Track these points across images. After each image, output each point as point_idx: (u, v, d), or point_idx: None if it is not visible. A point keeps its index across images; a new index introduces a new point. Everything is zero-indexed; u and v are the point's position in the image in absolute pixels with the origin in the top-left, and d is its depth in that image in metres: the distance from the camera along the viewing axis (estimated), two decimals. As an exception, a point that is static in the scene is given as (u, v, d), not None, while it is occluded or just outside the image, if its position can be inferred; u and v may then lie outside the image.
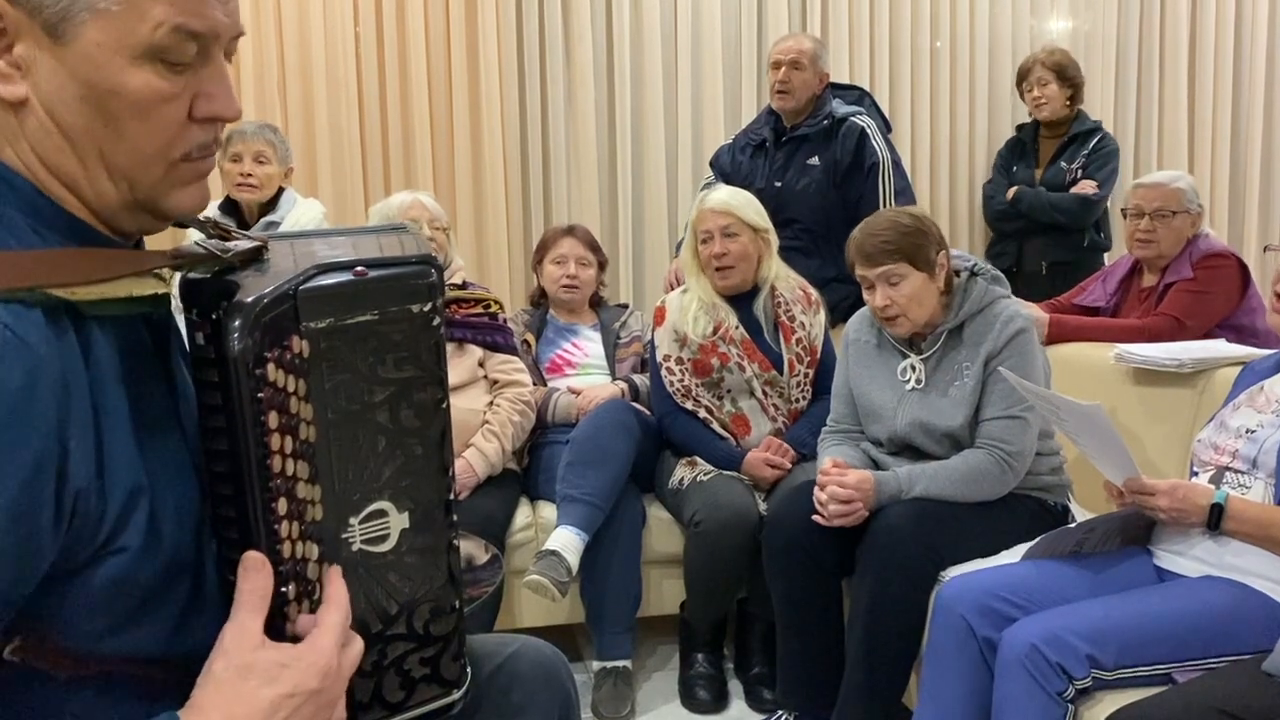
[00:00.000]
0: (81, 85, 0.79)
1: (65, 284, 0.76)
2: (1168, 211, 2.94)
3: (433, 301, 0.94)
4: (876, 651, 2.12)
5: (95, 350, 0.79)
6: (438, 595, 0.99)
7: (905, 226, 2.28)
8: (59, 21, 0.78)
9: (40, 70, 0.79)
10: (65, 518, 0.74)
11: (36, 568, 0.73)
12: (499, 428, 2.76)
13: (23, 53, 0.79)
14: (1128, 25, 4.56)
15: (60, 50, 0.78)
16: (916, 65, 4.38)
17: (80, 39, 0.78)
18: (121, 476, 0.79)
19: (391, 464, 0.94)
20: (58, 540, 0.74)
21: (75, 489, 0.74)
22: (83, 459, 0.75)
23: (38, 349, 0.72)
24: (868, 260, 2.28)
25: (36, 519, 0.71)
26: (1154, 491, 1.84)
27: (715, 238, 2.78)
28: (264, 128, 3.24)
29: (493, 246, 4.04)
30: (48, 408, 0.72)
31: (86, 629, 0.79)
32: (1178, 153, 4.63)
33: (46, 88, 0.80)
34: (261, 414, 0.83)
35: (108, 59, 0.79)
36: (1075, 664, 1.69)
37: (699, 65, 4.19)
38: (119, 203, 0.85)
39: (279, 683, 0.78)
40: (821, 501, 2.21)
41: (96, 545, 0.77)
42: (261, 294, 0.83)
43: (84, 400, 0.76)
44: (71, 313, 0.77)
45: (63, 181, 0.83)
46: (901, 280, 2.26)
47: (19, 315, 0.73)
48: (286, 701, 0.77)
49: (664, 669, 2.82)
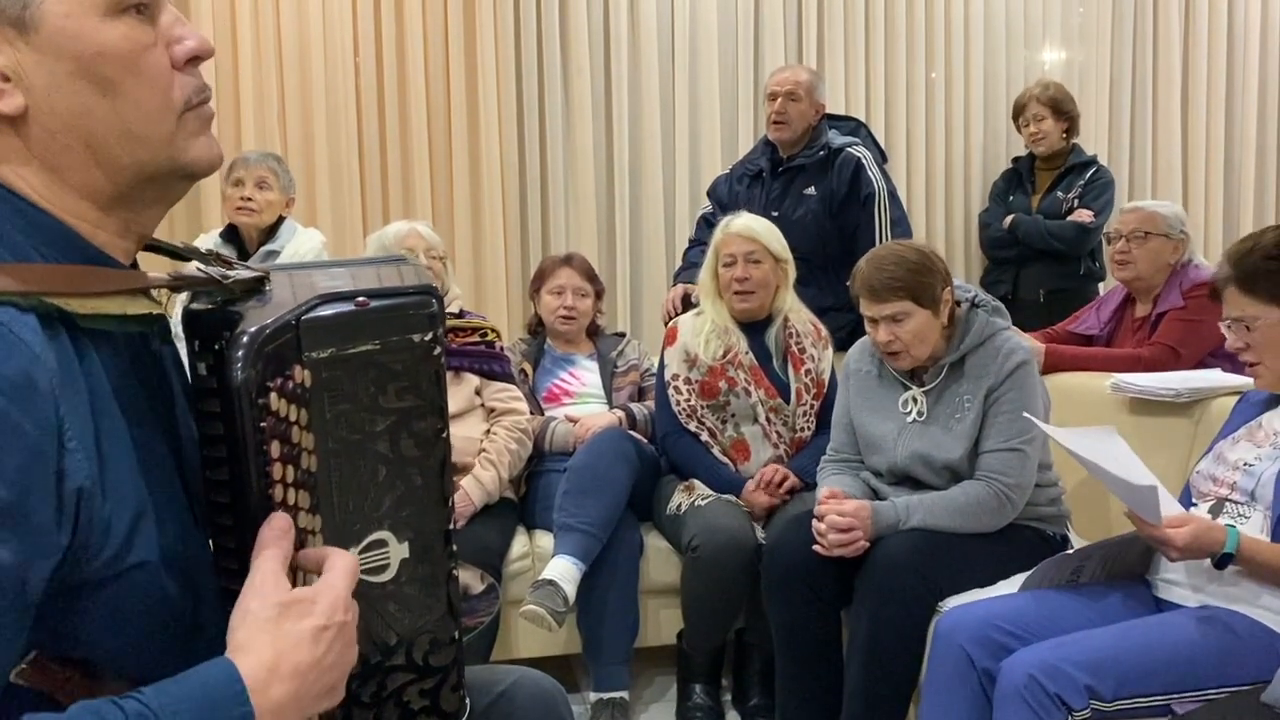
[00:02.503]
0: (69, 61, 0.79)
1: (60, 293, 0.76)
2: (1142, 233, 2.99)
3: (433, 331, 0.94)
4: (875, 682, 2.11)
5: (90, 363, 0.79)
6: (437, 626, 0.99)
7: (912, 264, 2.26)
8: (20, 12, 0.78)
9: (27, 70, 0.79)
10: (68, 518, 0.73)
11: (41, 565, 0.72)
12: (496, 456, 2.76)
13: (4, 62, 0.79)
14: (1121, 56, 4.61)
15: (36, 39, 0.79)
16: (912, 96, 4.42)
17: (46, 19, 0.78)
18: (126, 490, 0.79)
19: (391, 494, 0.94)
20: (61, 540, 0.73)
21: (77, 486, 0.74)
22: (83, 459, 0.74)
23: (34, 347, 0.72)
24: (874, 297, 2.27)
25: (35, 512, 0.71)
26: (1170, 542, 1.80)
27: (739, 262, 2.79)
28: (268, 156, 3.27)
29: (490, 275, 4.06)
30: (45, 400, 0.72)
31: (111, 644, 0.79)
32: (1172, 182, 4.66)
33: (39, 84, 0.79)
34: (264, 443, 0.83)
35: (80, 24, 0.79)
36: (1074, 695, 1.68)
37: (696, 96, 4.22)
38: (132, 182, 0.84)
39: (314, 615, 0.80)
40: (821, 532, 2.21)
41: (109, 554, 0.77)
42: (264, 324, 0.83)
43: (82, 403, 0.76)
44: (67, 324, 0.77)
45: (72, 187, 0.83)
46: (907, 318, 2.25)
47: (14, 317, 0.73)
48: (324, 633, 0.79)
49: (661, 700, 2.80)
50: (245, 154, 3.27)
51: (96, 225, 0.85)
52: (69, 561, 0.74)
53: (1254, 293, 1.89)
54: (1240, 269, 1.91)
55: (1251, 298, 1.90)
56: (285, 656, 0.77)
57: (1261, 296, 1.89)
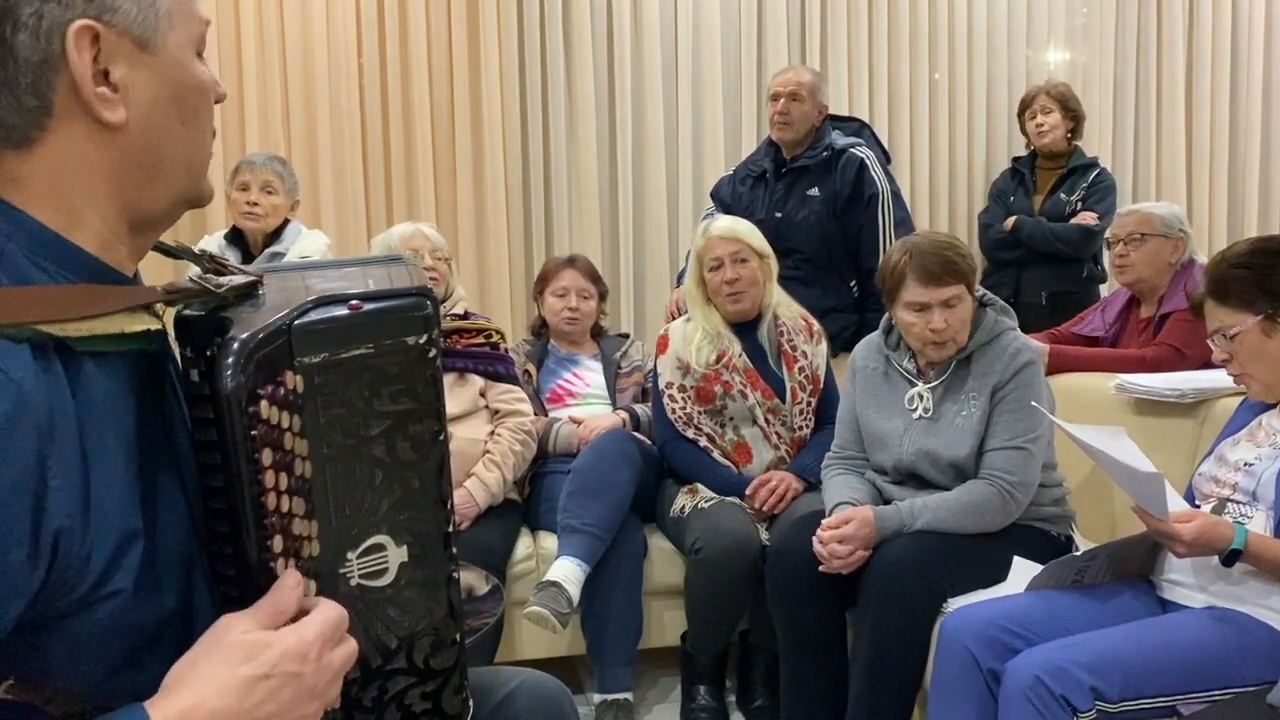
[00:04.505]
0: (171, 87, 0.85)
1: (55, 320, 0.75)
2: (1139, 234, 2.99)
3: (428, 333, 0.93)
4: (880, 683, 2.10)
5: (86, 388, 0.78)
6: (438, 629, 0.99)
7: (960, 248, 2.27)
8: (148, 34, 0.83)
9: (136, 87, 0.83)
10: (44, 558, 0.72)
11: (9, 605, 0.71)
12: (500, 457, 2.76)
13: (119, 75, 0.82)
14: (1125, 57, 4.60)
15: (152, 61, 0.83)
16: (915, 97, 4.41)
17: (166, 45, 0.84)
18: (111, 519, 0.77)
19: (389, 497, 0.93)
20: (34, 580, 0.72)
21: (56, 528, 0.72)
22: (66, 498, 0.73)
23: (23, 384, 0.71)
24: (933, 281, 2.22)
25: (6, 555, 0.69)
26: (1177, 536, 1.81)
27: (726, 264, 2.78)
28: (272, 159, 3.26)
29: (494, 276, 4.06)
30: (27, 442, 0.71)
31: (82, 672, 0.78)
32: (1176, 184, 4.65)
33: (143, 102, 0.83)
34: (255, 451, 0.82)
35: (185, 57, 0.86)
36: (1079, 696, 1.68)
37: (699, 97, 4.22)
38: (170, 207, 0.89)
39: (255, 662, 0.76)
40: (822, 555, 2.20)
41: (85, 588, 0.75)
42: (255, 330, 0.82)
43: (71, 439, 0.75)
44: (62, 350, 0.76)
45: (120, 204, 0.85)
46: (959, 303, 2.24)
47: (5, 350, 0.72)
48: (263, 683, 0.76)
49: (666, 701, 2.80)
50: (250, 157, 3.27)
51: (117, 242, 0.86)
52: (42, 599, 0.73)
53: (1227, 302, 1.91)
54: (1213, 280, 1.93)
55: (1226, 308, 1.91)
56: (205, 702, 0.73)
57: (1234, 305, 1.90)
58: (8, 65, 0.78)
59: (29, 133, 0.80)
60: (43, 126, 0.80)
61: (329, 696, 0.82)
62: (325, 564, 0.89)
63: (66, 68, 0.79)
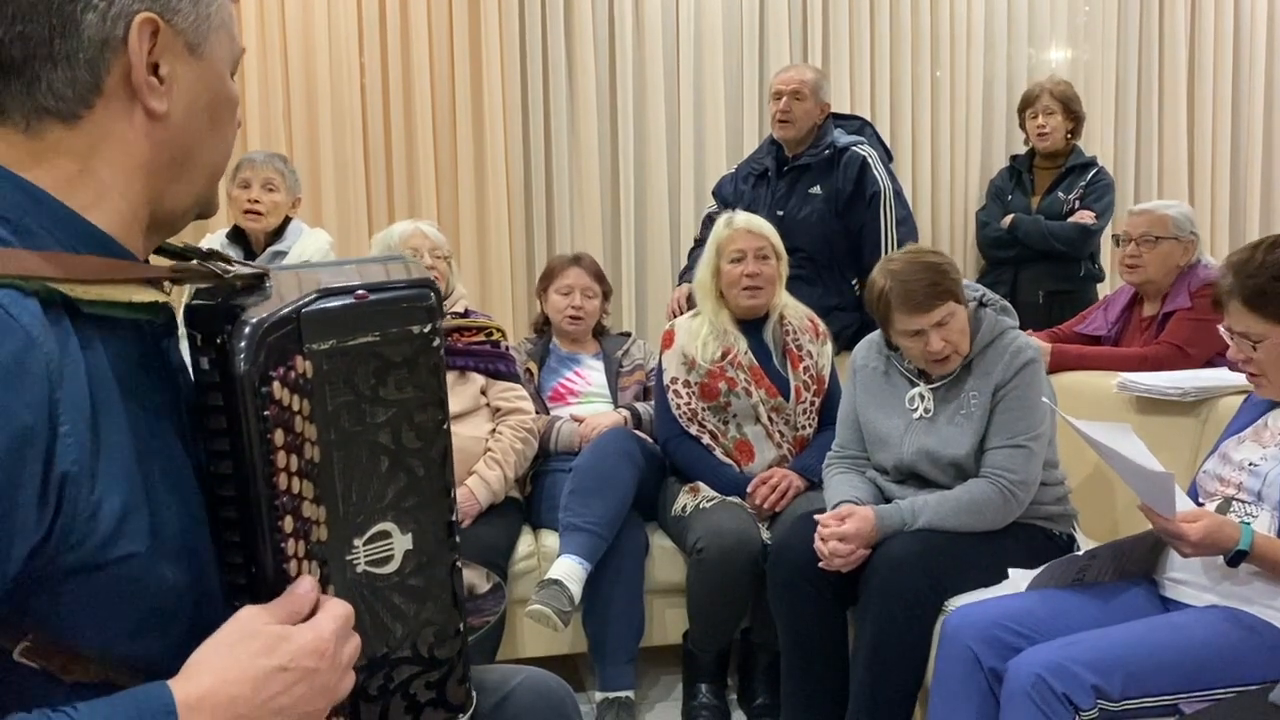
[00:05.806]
0: (208, 93, 0.90)
1: (64, 279, 0.77)
2: (1153, 236, 2.96)
3: (432, 323, 0.95)
4: (881, 682, 2.10)
5: (92, 351, 0.79)
6: (442, 618, 0.99)
7: (937, 265, 2.23)
8: (199, 39, 0.88)
9: (180, 84, 0.87)
10: (51, 502, 0.73)
11: (15, 543, 0.72)
12: (501, 456, 2.75)
13: (167, 70, 0.86)
14: (1127, 56, 4.60)
15: (198, 65, 0.89)
16: (917, 95, 4.41)
17: (211, 54, 0.90)
18: (119, 477, 0.78)
19: (394, 485, 0.94)
20: (42, 523, 0.73)
21: (62, 473, 0.73)
22: (74, 445, 0.74)
23: (32, 330, 0.73)
24: (919, 309, 2.20)
25: (16, 494, 0.71)
26: (1184, 536, 1.80)
27: (749, 258, 2.78)
28: (273, 157, 3.25)
29: (496, 274, 4.06)
30: (38, 384, 0.72)
31: (97, 636, 0.79)
32: (1177, 183, 4.65)
33: (183, 100, 0.88)
34: (268, 432, 0.83)
35: (223, 70, 0.92)
36: (1081, 695, 1.68)
37: (701, 95, 4.22)
38: (184, 210, 0.93)
39: (275, 654, 0.78)
40: (823, 554, 2.20)
41: (97, 541, 0.76)
42: (265, 315, 0.84)
43: (80, 389, 0.76)
44: (70, 310, 0.78)
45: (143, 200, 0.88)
46: (952, 319, 2.22)
47: (15, 299, 0.73)
48: (280, 675, 0.78)
49: (667, 700, 2.80)
50: (251, 154, 3.27)
51: (137, 229, 0.88)
52: (48, 547, 0.74)
53: (1261, 312, 1.86)
54: (1247, 286, 1.87)
55: (1259, 316, 1.87)
56: (224, 687, 0.75)
57: (1269, 317, 1.86)
58: (70, 40, 0.81)
59: (77, 109, 0.83)
60: (90, 104, 0.83)
61: (339, 693, 0.84)
62: (332, 550, 0.90)
63: (125, 53, 0.83)
